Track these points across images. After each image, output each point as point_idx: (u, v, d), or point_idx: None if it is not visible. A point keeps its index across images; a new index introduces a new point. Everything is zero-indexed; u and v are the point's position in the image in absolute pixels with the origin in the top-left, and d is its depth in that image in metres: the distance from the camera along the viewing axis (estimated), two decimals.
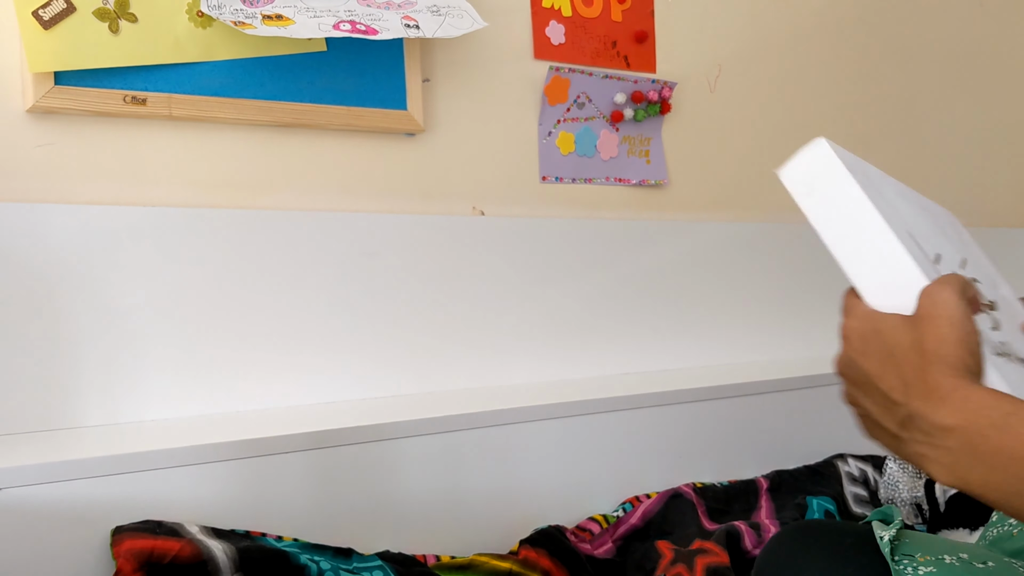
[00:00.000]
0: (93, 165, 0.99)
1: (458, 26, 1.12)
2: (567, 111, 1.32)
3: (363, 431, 0.94)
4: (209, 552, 0.78)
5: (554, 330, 1.28)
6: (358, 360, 1.12)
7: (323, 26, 1.03)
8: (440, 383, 1.16)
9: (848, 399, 0.57)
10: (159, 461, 0.83)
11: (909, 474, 1.27)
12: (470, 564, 0.93)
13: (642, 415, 1.14)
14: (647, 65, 1.40)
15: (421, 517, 0.97)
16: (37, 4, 0.93)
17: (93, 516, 0.79)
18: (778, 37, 1.55)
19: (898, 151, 1.70)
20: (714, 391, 1.19)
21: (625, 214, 1.38)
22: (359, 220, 1.13)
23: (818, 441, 1.30)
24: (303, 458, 0.91)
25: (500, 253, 1.24)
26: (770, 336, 1.48)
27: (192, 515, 0.84)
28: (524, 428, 1.05)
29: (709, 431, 1.20)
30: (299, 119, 1.09)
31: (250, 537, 0.85)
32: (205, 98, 1.03)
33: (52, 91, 0.95)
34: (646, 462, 1.14)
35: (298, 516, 0.90)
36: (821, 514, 1.12)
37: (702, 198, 1.47)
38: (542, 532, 0.99)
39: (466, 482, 1.00)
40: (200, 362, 1.01)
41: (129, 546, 0.76)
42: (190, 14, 1.02)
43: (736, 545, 1.03)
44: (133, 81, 1.00)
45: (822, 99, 1.61)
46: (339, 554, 0.87)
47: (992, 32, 1.82)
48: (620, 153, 1.37)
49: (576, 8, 1.33)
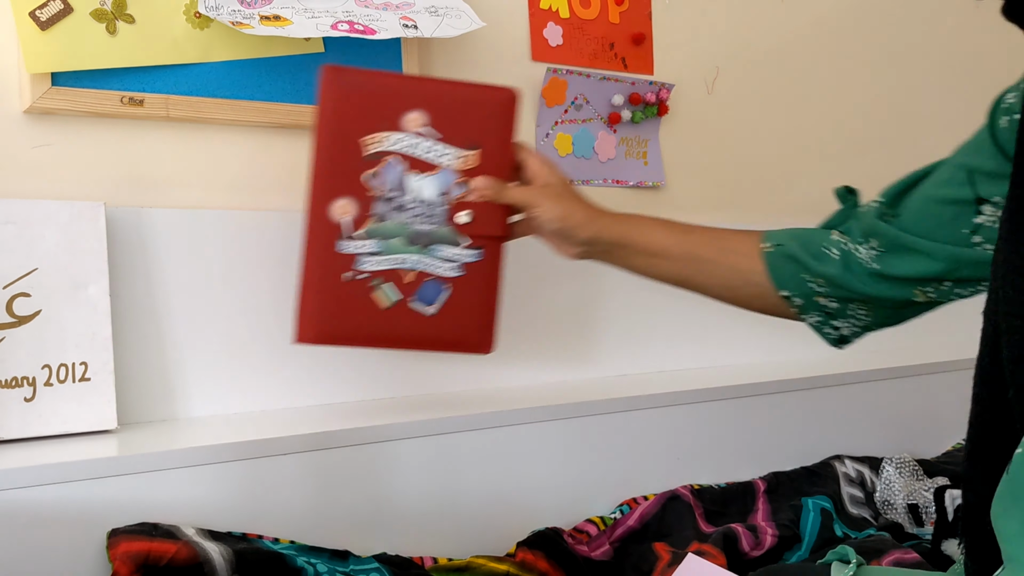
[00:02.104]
0: (91, 166, 0.99)
1: (456, 26, 1.12)
2: (565, 113, 1.32)
3: (360, 433, 0.94)
4: (206, 554, 0.78)
5: (551, 331, 1.28)
6: (357, 361, 1.11)
7: (321, 26, 1.03)
8: (437, 384, 1.16)
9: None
10: (155, 463, 0.83)
11: (905, 477, 1.27)
12: (467, 566, 0.93)
13: (639, 417, 1.14)
14: (645, 67, 1.40)
15: (418, 519, 0.97)
16: (34, 5, 0.93)
17: (89, 519, 0.79)
18: (776, 39, 1.55)
19: (896, 153, 1.70)
20: (711, 393, 1.20)
21: None
22: None
23: (815, 442, 1.30)
24: (300, 460, 0.91)
25: None
26: (767, 338, 1.48)
27: (188, 517, 0.83)
28: (521, 430, 1.05)
29: (706, 433, 1.20)
30: (297, 120, 1.09)
31: (247, 539, 0.85)
32: (203, 99, 1.03)
33: (49, 92, 0.95)
34: (643, 464, 1.14)
35: (295, 518, 0.90)
36: (817, 514, 1.12)
37: (699, 199, 1.47)
38: (539, 534, 0.99)
39: (463, 484, 1.00)
40: (196, 365, 1.01)
41: (125, 548, 0.76)
42: (188, 15, 1.02)
43: (733, 547, 1.03)
44: (130, 82, 0.99)
45: (820, 101, 1.61)
46: (336, 556, 0.87)
47: (990, 35, 1.82)
48: (618, 155, 1.37)
49: (574, 10, 1.33)
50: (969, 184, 0.77)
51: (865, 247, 0.83)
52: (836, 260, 0.85)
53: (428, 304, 0.95)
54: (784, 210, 1.55)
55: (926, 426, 1.45)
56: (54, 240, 0.91)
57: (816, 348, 0.93)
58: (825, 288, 0.86)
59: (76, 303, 0.91)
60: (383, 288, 0.93)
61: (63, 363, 0.90)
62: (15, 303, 0.89)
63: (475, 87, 0.97)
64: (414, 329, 0.94)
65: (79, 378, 0.91)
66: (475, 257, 0.96)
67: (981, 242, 0.78)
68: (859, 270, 0.84)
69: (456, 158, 0.95)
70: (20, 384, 0.88)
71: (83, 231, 0.93)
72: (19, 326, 0.89)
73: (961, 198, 0.77)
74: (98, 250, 0.93)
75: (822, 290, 0.87)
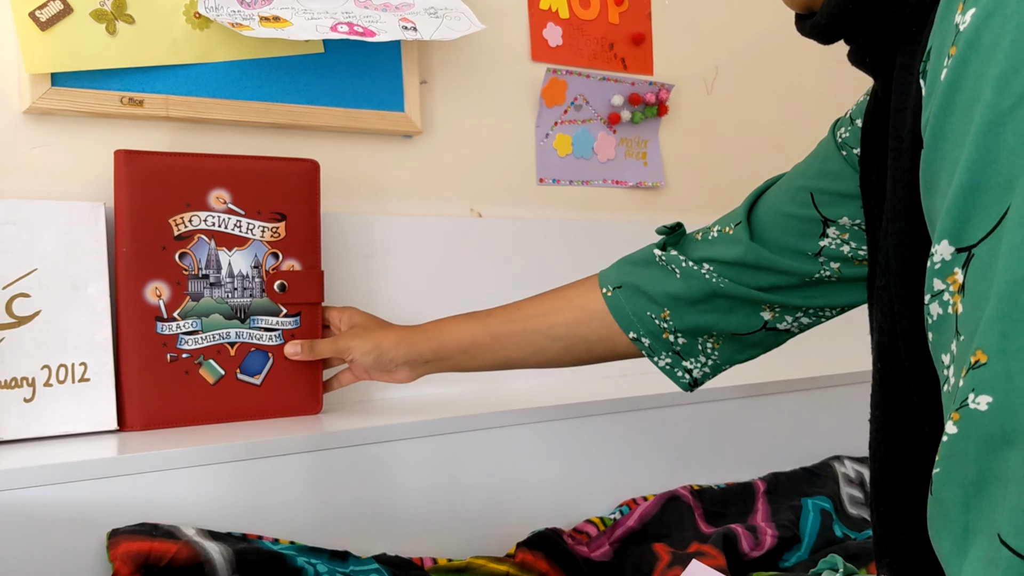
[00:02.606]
0: (91, 166, 0.99)
1: (456, 28, 1.12)
2: (564, 113, 1.32)
3: (360, 434, 0.94)
4: (206, 554, 0.78)
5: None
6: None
7: (320, 28, 1.03)
8: (437, 385, 1.16)
9: None
10: (155, 464, 0.83)
11: None
12: (467, 567, 0.93)
13: (639, 417, 1.14)
14: (644, 67, 1.40)
15: (418, 520, 0.97)
16: (34, 5, 0.93)
17: (89, 519, 0.79)
18: (775, 39, 1.55)
19: None
20: (711, 393, 1.19)
21: (622, 216, 1.38)
22: (356, 221, 1.13)
23: (815, 443, 1.30)
24: (300, 460, 0.91)
25: (497, 255, 1.24)
26: None
27: (188, 518, 0.83)
28: (521, 431, 1.05)
29: (706, 433, 1.20)
30: (296, 120, 1.09)
31: (247, 539, 0.85)
32: (202, 99, 1.03)
33: (49, 92, 0.95)
34: (643, 465, 1.14)
35: (295, 518, 0.90)
36: (817, 514, 1.13)
37: (699, 200, 1.47)
38: (539, 535, 0.99)
39: (463, 485, 1.00)
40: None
41: (126, 548, 0.76)
42: (187, 16, 1.02)
43: (733, 548, 1.03)
44: (130, 82, 0.99)
45: (819, 101, 1.61)
46: (336, 557, 0.87)
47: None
48: (617, 155, 1.37)
49: (573, 10, 1.33)
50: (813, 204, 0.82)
51: (707, 264, 0.87)
52: (677, 278, 0.88)
53: (254, 375, 0.98)
54: None
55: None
56: (54, 240, 0.91)
57: (816, 348, 0.94)
58: (671, 321, 0.88)
59: (76, 303, 0.91)
60: (207, 365, 0.96)
61: (63, 363, 0.90)
62: (15, 303, 0.89)
63: (276, 160, 1.00)
64: (245, 401, 0.98)
65: (79, 378, 0.91)
66: (293, 324, 1.00)
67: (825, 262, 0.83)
68: (703, 284, 0.86)
69: (264, 230, 0.98)
70: (20, 384, 0.88)
71: (83, 231, 0.93)
72: (19, 326, 0.89)
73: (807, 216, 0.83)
74: (98, 250, 0.93)
75: (667, 324, 0.88)
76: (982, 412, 0.42)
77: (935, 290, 0.47)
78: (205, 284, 0.96)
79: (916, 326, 0.51)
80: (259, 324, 0.98)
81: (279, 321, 0.99)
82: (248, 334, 0.98)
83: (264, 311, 0.98)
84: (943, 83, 0.46)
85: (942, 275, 0.46)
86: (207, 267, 0.96)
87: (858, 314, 0.83)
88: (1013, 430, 0.41)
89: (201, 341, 0.96)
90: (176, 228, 0.95)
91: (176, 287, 0.95)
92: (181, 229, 0.95)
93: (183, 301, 0.95)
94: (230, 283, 0.97)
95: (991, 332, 0.42)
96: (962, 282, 0.45)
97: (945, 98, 0.46)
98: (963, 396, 0.43)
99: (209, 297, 0.96)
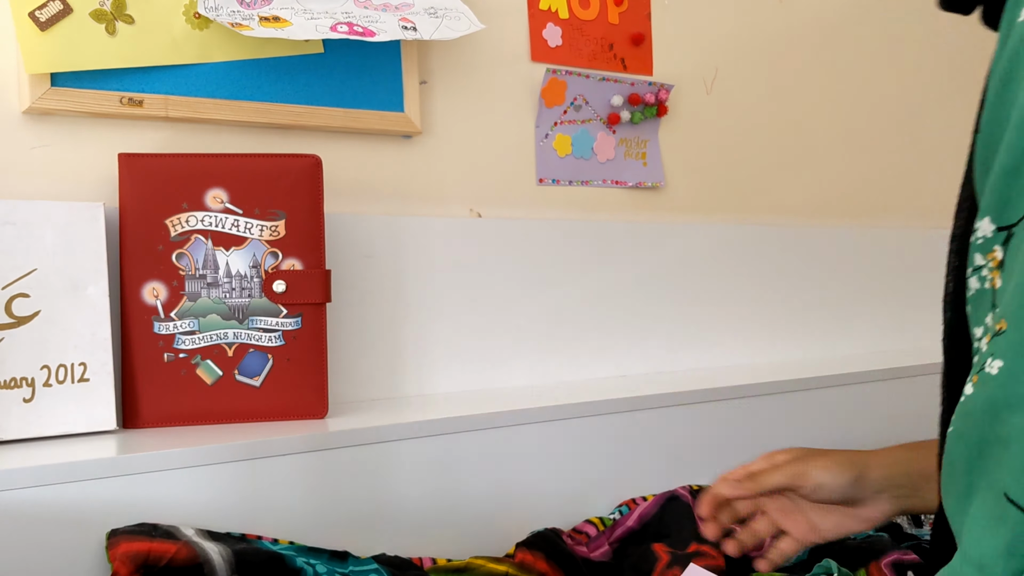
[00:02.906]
0: (90, 166, 0.99)
1: (455, 28, 1.12)
2: (564, 113, 1.32)
3: (359, 434, 0.94)
4: (205, 555, 0.78)
5: (550, 332, 1.28)
6: (354, 362, 1.11)
7: (320, 28, 1.03)
8: (436, 385, 1.16)
9: None
10: (154, 464, 0.83)
11: None
12: (466, 567, 0.93)
13: (638, 417, 1.14)
14: (644, 67, 1.40)
15: (417, 520, 0.97)
16: (34, 5, 0.93)
17: (88, 519, 0.79)
18: (775, 39, 1.55)
19: (894, 154, 1.70)
20: (710, 393, 1.19)
21: (621, 216, 1.38)
22: (355, 221, 1.13)
23: (815, 443, 1.30)
24: (299, 460, 0.91)
25: (497, 255, 1.24)
26: (766, 338, 1.48)
27: (188, 518, 0.83)
28: (521, 431, 1.05)
29: (705, 433, 1.20)
30: (296, 120, 1.09)
31: (246, 540, 0.85)
32: (202, 99, 1.03)
33: (48, 92, 0.95)
34: (642, 464, 1.14)
35: (294, 519, 0.90)
36: None
37: (698, 200, 1.47)
38: (539, 535, 0.99)
39: (462, 485, 1.00)
40: None
41: (125, 549, 0.76)
42: (187, 16, 1.02)
43: None
44: (130, 83, 0.99)
45: (819, 101, 1.61)
46: (335, 557, 0.87)
47: (991, 35, 1.82)
48: (617, 155, 1.37)
49: (573, 10, 1.33)
50: None
51: None
52: None
53: (253, 376, 0.98)
54: (784, 211, 1.56)
55: (925, 426, 1.45)
56: (53, 241, 0.91)
57: (816, 348, 0.93)
58: None
59: (75, 303, 0.91)
60: (204, 365, 0.96)
61: (62, 363, 0.90)
62: (14, 304, 0.89)
63: (276, 157, 0.99)
64: (244, 402, 0.97)
65: (78, 378, 0.91)
66: (295, 325, 0.99)
67: None
68: None
69: (263, 229, 0.97)
70: (19, 385, 0.88)
71: (83, 231, 0.93)
72: (18, 327, 0.89)
73: None
74: (98, 250, 0.93)
75: None
76: (993, 376, 0.44)
77: (976, 264, 0.49)
78: (202, 284, 0.96)
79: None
80: (258, 325, 0.98)
81: (279, 322, 0.98)
82: (247, 335, 0.97)
83: (263, 312, 0.98)
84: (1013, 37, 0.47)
85: (983, 251, 0.48)
86: (204, 267, 0.96)
87: (858, 314, 0.83)
88: (1015, 395, 0.42)
89: (198, 341, 0.96)
90: (173, 229, 0.95)
91: (173, 287, 0.95)
92: (178, 230, 0.95)
93: (180, 301, 0.95)
94: (228, 283, 0.96)
95: (1013, 303, 0.44)
96: (1001, 259, 0.47)
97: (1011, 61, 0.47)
98: (983, 361, 0.45)
99: (206, 297, 0.96)
